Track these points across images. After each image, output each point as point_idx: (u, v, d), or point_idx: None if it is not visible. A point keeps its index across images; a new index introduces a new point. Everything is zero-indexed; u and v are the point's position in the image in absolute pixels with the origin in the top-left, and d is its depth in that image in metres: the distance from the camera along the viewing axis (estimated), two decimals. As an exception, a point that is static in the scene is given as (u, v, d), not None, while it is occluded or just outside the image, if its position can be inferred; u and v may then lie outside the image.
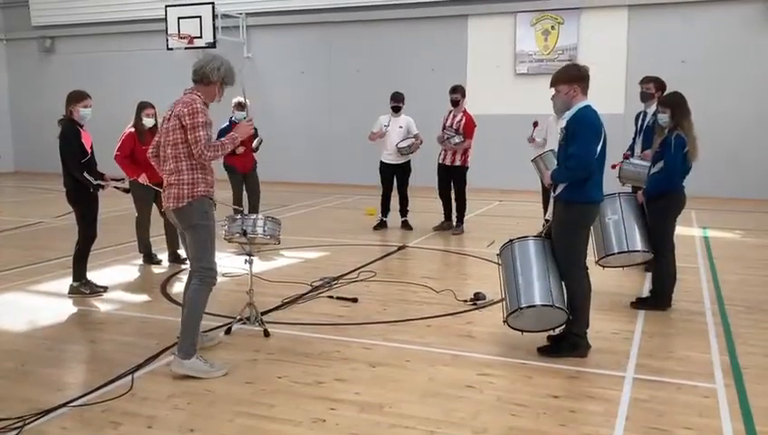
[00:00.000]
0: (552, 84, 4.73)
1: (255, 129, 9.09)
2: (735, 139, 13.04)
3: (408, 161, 9.83)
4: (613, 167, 6.61)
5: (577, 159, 4.53)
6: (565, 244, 4.70)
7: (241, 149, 8.49)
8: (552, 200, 4.94)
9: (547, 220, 5.50)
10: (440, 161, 9.61)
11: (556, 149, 8.14)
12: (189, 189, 4.39)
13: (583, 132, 4.55)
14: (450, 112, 9.54)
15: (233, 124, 8.82)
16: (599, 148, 4.60)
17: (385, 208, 10.03)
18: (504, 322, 4.80)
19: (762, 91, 13.01)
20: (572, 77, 4.65)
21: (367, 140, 10.02)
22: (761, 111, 13.04)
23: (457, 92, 9.45)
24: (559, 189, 4.74)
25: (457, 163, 9.47)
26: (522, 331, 4.82)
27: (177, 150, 4.40)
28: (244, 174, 8.94)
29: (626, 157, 7.23)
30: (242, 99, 8.95)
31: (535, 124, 8.65)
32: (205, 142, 4.32)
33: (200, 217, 4.43)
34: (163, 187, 4.59)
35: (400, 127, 9.69)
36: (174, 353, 4.47)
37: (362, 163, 13.53)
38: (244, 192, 9.00)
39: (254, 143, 8.93)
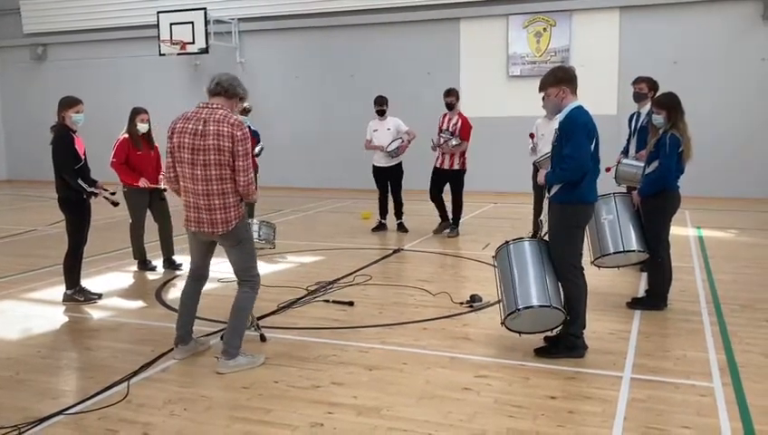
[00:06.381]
0: (541, 89, 4.77)
1: (258, 134, 9.18)
2: (727, 138, 13.07)
3: (400, 164, 9.82)
4: (607, 170, 6.58)
5: (572, 160, 4.54)
6: (561, 245, 4.70)
7: None
8: (546, 202, 4.95)
9: (541, 221, 5.50)
10: (437, 165, 9.53)
11: (544, 151, 8.20)
12: (236, 211, 4.47)
13: (576, 133, 4.57)
14: (445, 115, 9.51)
15: None
16: (591, 147, 4.62)
17: (383, 211, 10.02)
18: (501, 324, 4.80)
19: (753, 91, 13.06)
20: (559, 79, 4.67)
21: (361, 143, 10.02)
22: (752, 111, 13.09)
23: (452, 95, 9.41)
24: (553, 191, 4.75)
25: (456, 167, 9.40)
26: (520, 332, 4.82)
27: (224, 172, 4.34)
28: None
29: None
30: (247, 104, 9.00)
31: (532, 136, 8.60)
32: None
33: (246, 231, 4.64)
34: (191, 208, 4.47)
35: (388, 129, 9.68)
36: (218, 357, 4.63)
37: (356, 167, 13.52)
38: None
39: (256, 150, 8.96)
